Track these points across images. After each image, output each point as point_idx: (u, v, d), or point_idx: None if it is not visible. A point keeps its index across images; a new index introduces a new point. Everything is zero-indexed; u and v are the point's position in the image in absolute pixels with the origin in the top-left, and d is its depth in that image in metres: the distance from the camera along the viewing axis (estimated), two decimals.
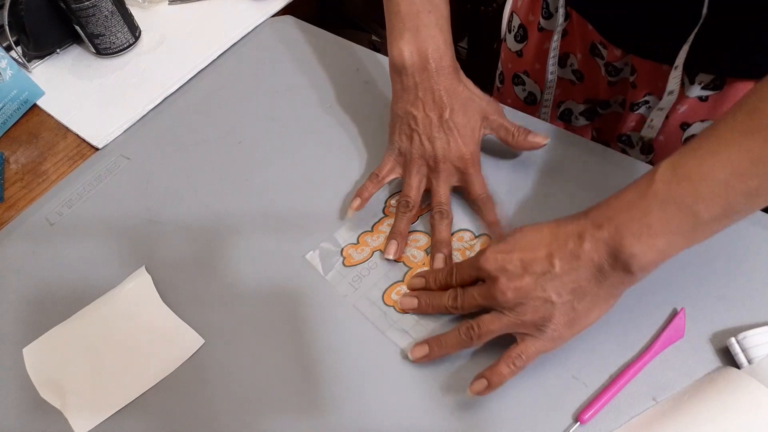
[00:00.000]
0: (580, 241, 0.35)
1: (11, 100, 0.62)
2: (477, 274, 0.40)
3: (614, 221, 0.34)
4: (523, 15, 0.63)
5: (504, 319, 0.37)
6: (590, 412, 0.37)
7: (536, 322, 0.36)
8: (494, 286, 0.37)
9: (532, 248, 0.37)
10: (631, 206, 0.34)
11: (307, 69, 0.64)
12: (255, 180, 0.54)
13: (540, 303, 0.36)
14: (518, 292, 0.36)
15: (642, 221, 0.33)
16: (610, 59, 0.56)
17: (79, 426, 0.41)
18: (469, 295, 0.40)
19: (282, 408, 0.41)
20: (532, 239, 0.37)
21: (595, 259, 0.35)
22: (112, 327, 0.45)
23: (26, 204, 0.56)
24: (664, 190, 0.33)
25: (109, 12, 0.65)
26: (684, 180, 0.32)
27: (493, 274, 0.38)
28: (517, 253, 0.37)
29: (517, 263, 0.37)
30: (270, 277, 0.47)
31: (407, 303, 0.43)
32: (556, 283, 0.36)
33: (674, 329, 0.40)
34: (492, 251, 0.38)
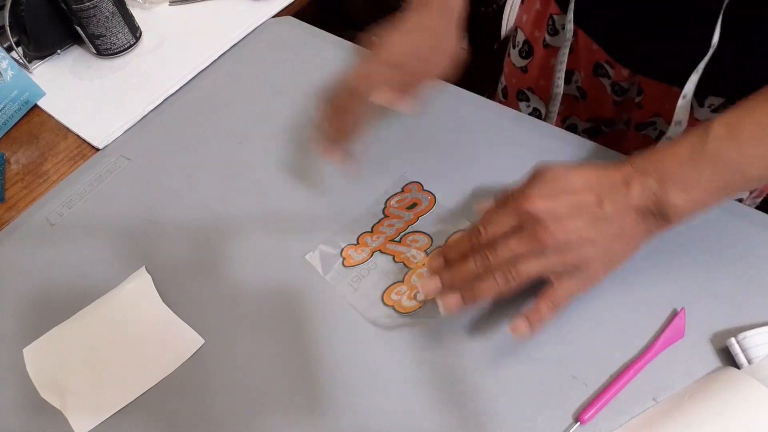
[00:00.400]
0: (628, 186, 0.36)
1: (12, 101, 0.62)
2: (519, 221, 0.37)
3: (662, 171, 0.35)
4: (528, 31, 0.63)
5: (544, 260, 0.36)
6: (590, 412, 0.37)
7: (578, 262, 0.36)
8: (542, 230, 0.35)
9: (580, 191, 0.36)
10: (683, 160, 0.35)
11: (307, 69, 0.64)
12: (255, 180, 0.54)
13: (586, 245, 0.36)
14: (568, 232, 0.35)
15: (691, 176, 0.34)
16: (617, 79, 0.55)
17: (79, 426, 0.41)
18: (503, 246, 0.36)
19: (282, 408, 0.41)
20: (578, 182, 0.37)
21: (641, 204, 0.35)
22: (112, 327, 0.46)
23: (27, 204, 0.56)
24: (717, 149, 0.34)
25: (109, 13, 0.65)
26: (739, 142, 0.34)
27: (541, 216, 0.35)
28: (564, 196, 0.36)
29: (566, 206, 0.36)
30: (270, 278, 0.47)
31: (428, 286, 0.39)
32: (605, 226, 0.36)
33: (674, 329, 0.40)
34: (536, 194, 0.36)
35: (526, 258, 0.36)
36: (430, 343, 0.42)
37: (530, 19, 0.62)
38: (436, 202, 0.50)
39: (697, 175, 0.34)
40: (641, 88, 0.54)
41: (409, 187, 0.52)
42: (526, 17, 0.63)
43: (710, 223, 0.45)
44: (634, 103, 0.56)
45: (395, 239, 0.48)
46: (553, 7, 0.57)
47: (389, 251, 0.48)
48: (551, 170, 0.37)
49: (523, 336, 0.37)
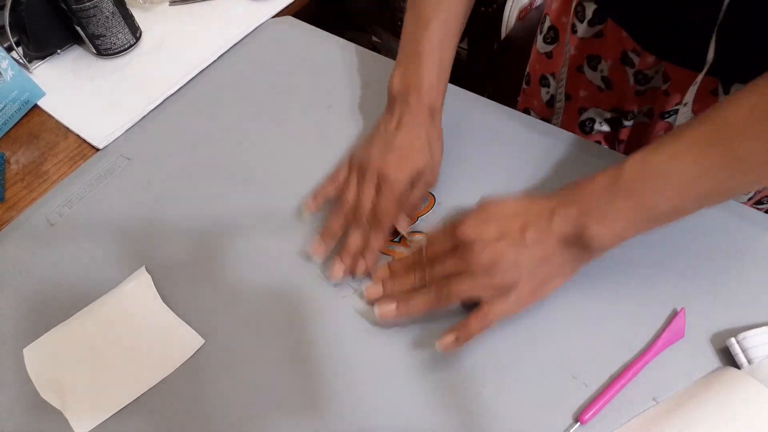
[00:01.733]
0: (551, 215, 0.39)
1: (12, 101, 0.62)
2: (452, 242, 0.41)
3: (582, 203, 0.38)
4: (554, 17, 0.63)
5: (474, 280, 0.39)
6: (590, 413, 0.37)
7: (504, 285, 0.39)
8: (470, 251, 0.39)
9: (507, 218, 0.40)
10: (599, 193, 0.37)
11: (307, 69, 0.64)
12: (255, 180, 0.54)
13: (510, 267, 0.39)
14: (493, 255, 0.39)
15: (605, 207, 0.37)
16: (642, 67, 0.55)
17: (79, 426, 0.41)
18: (439, 265, 0.41)
19: (282, 408, 0.41)
20: (507, 210, 0.41)
21: (562, 233, 0.38)
22: (112, 327, 0.46)
23: (27, 204, 0.56)
24: (629, 184, 0.36)
25: (109, 13, 0.65)
26: (647, 177, 0.36)
27: (470, 238, 0.39)
28: (493, 222, 0.40)
29: (494, 231, 0.39)
30: (270, 278, 0.47)
31: (371, 291, 0.44)
32: (526, 252, 0.39)
33: (674, 329, 0.40)
34: (470, 220, 0.41)
35: (458, 278, 0.40)
36: (431, 343, 0.42)
37: (557, 5, 0.62)
38: (435, 203, 0.50)
39: (613, 208, 0.37)
40: (667, 75, 0.54)
41: None
42: (554, 4, 0.63)
43: (710, 223, 0.45)
44: (660, 91, 0.57)
45: (395, 239, 0.48)
46: None
47: (389, 251, 0.48)
48: (490, 200, 0.42)
49: (448, 349, 0.39)
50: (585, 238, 0.37)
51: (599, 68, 0.61)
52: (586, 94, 0.65)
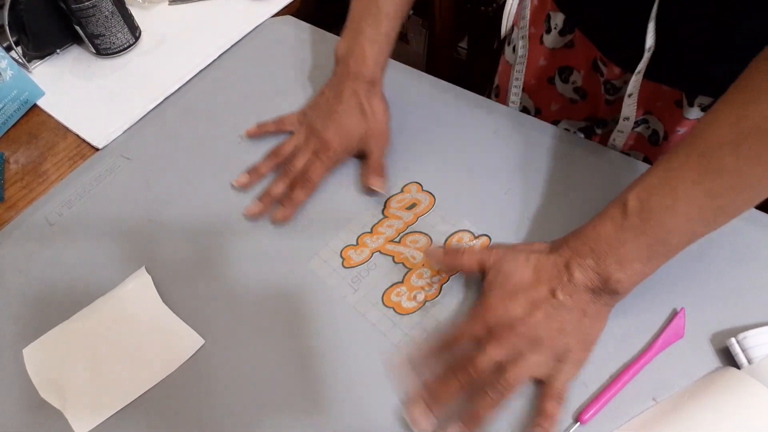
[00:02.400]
0: (570, 270, 0.38)
1: (11, 101, 0.62)
2: (486, 329, 0.39)
3: (596, 251, 0.38)
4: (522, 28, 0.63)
5: (528, 361, 0.38)
6: (590, 412, 0.37)
7: (558, 354, 0.38)
8: (512, 332, 0.38)
9: (530, 286, 0.39)
10: (610, 238, 0.37)
11: (307, 69, 0.64)
12: None
13: (556, 334, 0.38)
14: (535, 330, 0.38)
15: (620, 251, 0.37)
16: (609, 77, 0.56)
17: (79, 426, 0.41)
18: (483, 357, 0.38)
19: (282, 408, 0.41)
20: (525, 278, 0.39)
21: (588, 284, 0.38)
22: (112, 327, 0.45)
23: (26, 204, 0.56)
24: (637, 224, 0.36)
25: (109, 12, 0.65)
26: (652, 214, 0.36)
27: (506, 320, 0.38)
28: (521, 295, 0.39)
29: (525, 304, 0.38)
30: (270, 278, 0.47)
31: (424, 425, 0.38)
32: (564, 312, 0.38)
33: (674, 329, 0.40)
34: (495, 301, 0.39)
35: (512, 365, 0.38)
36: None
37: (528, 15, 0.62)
38: (435, 203, 0.50)
39: (625, 250, 0.37)
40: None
41: (409, 188, 0.52)
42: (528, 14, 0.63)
43: None
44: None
45: (395, 240, 0.48)
46: (551, 4, 0.57)
47: (389, 252, 0.48)
48: (498, 272, 0.40)
49: None
50: (610, 286, 0.37)
51: (571, 80, 0.61)
52: (558, 107, 0.64)
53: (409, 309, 0.44)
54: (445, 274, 0.45)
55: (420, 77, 0.61)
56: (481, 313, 0.40)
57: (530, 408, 0.38)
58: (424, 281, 0.45)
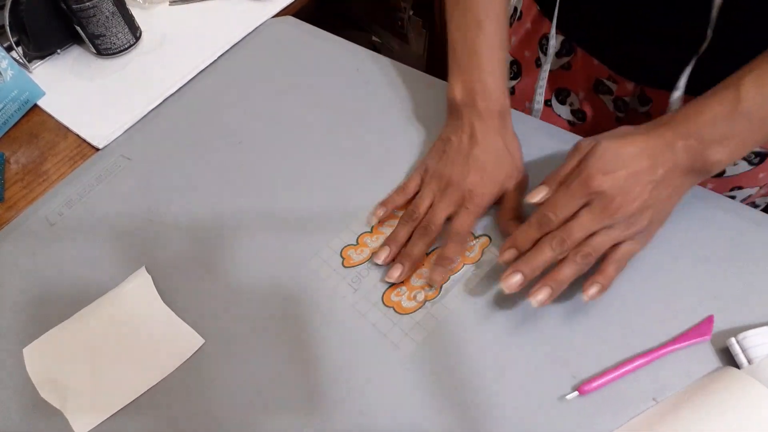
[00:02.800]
0: (674, 149, 0.38)
1: (12, 101, 0.62)
2: (587, 199, 0.39)
3: (702, 132, 0.38)
4: (515, 51, 0.62)
5: (615, 232, 0.39)
6: (591, 385, 0.38)
7: (642, 228, 0.39)
8: (611, 206, 0.38)
9: (634, 162, 0.39)
10: (719, 120, 0.37)
11: (307, 69, 0.64)
12: (255, 180, 0.54)
13: (648, 210, 0.39)
14: (635, 204, 0.38)
15: (728, 133, 0.37)
16: (620, 93, 0.55)
17: (79, 426, 0.41)
18: (576, 228, 0.39)
19: (282, 408, 0.41)
20: (630, 154, 0.39)
21: (688, 164, 0.39)
22: (112, 327, 0.46)
23: (26, 204, 0.56)
24: (750, 108, 0.36)
25: (109, 12, 0.65)
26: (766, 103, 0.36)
27: (610, 193, 0.38)
28: (623, 170, 0.38)
29: (626, 177, 0.38)
30: (270, 278, 0.47)
31: (513, 284, 0.40)
32: (660, 190, 0.39)
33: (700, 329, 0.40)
34: (597, 172, 0.39)
35: (604, 233, 0.39)
36: (430, 342, 0.42)
37: (518, 39, 0.62)
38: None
39: (732, 132, 0.37)
40: (648, 98, 0.54)
41: None
42: (514, 38, 0.62)
43: (710, 223, 0.45)
44: (639, 113, 0.56)
45: None
46: (547, 26, 0.57)
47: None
48: (602, 145, 0.39)
49: (593, 298, 0.39)
50: (708, 165, 0.38)
51: (568, 101, 0.61)
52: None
53: (409, 309, 0.44)
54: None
55: (420, 77, 0.61)
56: (581, 183, 0.39)
57: None
58: (424, 281, 0.45)
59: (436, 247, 0.47)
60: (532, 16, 0.59)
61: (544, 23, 0.57)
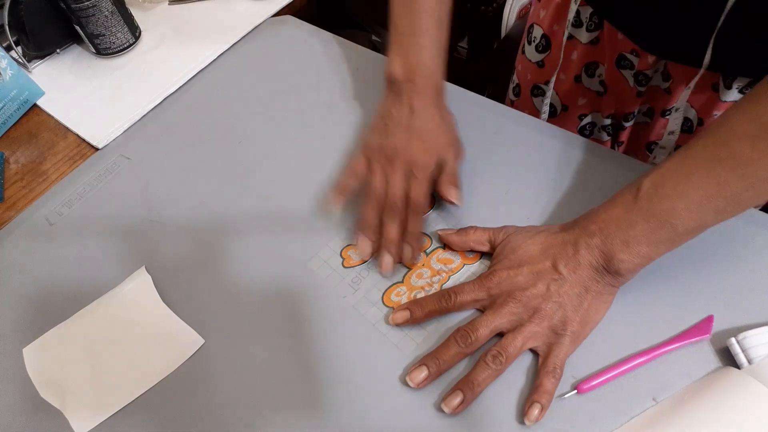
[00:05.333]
0: (576, 248, 0.40)
1: (11, 100, 0.62)
2: (487, 295, 0.41)
3: (604, 231, 0.39)
4: (546, 26, 0.63)
5: (525, 332, 0.39)
6: (590, 384, 0.38)
7: (555, 326, 0.39)
8: (511, 302, 0.40)
9: (536, 260, 0.40)
10: (619, 219, 0.39)
11: (307, 69, 0.64)
12: (255, 180, 0.54)
13: (555, 306, 0.39)
14: (535, 300, 0.39)
15: (628, 233, 0.38)
16: (641, 67, 0.55)
17: (79, 426, 0.41)
18: (481, 322, 0.40)
19: (282, 408, 0.41)
20: (532, 251, 0.41)
21: (593, 262, 0.39)
22: (112, 327, 0.45)
23: (26, 204, 0.56)
24: (647, 207, 0.37)
25: (109, 12, 0.65)
26: (663, 198, 0.37)
27: (507, 290, 0.40)
28: (525, 267, 0.40)
29: (528, 275, 0.40)
30: (270, 278, 0.47)
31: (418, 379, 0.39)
32: (565, 286, 0.39)
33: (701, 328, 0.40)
34: (500, 270, 0.41)
35: (511, 336, 0.39)
36: (430, 342, 0.42)
37: (549, 13, 0.62)
38: (435, 203, 0.50)
39: (633, 231, 0.38)
40: (668, 73, 0.54)
41: None
42: (544, 12, 0.62)
43: None
44: (661, 90, 0.56)
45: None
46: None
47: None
48: (512, 243, 0.42)
49: (538, 419, 0.37)
50: (614, 265, 0.38)
51: (597, 73, 0.61)
52: (585, 101, 0.64)
53: None
54: (445, 274, 0.45)
55: None
56: (484, 281, 0.41)
57: (528, 384, 0.39)
58: (424, 281, 0.45)
59: (436, 248, 0.47)
60: None
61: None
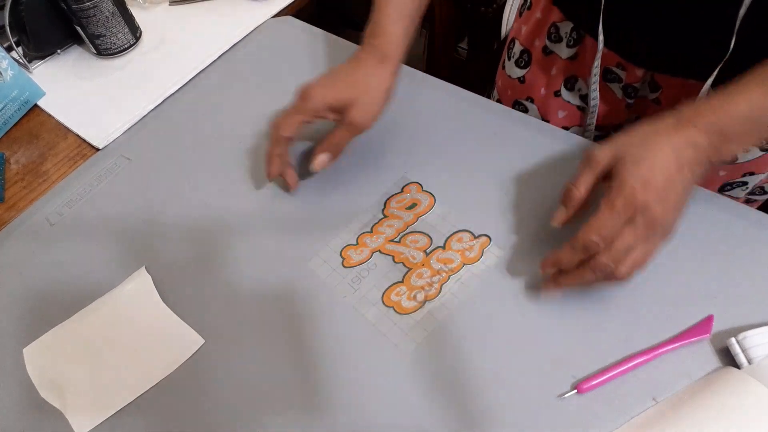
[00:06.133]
0: (696, 146, 0.38)
1: (12, 101, 0.62)
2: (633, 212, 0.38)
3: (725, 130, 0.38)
4: (525, 40, 0.63)
5: (652, 242, 0.38)
6: (590, 383, 0.38)
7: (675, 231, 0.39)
8: (655, 219, 0.37)
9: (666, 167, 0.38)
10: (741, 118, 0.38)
11: (307, 69, 0.64)
12: (255, 180, 0.54)
13: (679, 213, 0.39)
14: (675, 213, 0.39)
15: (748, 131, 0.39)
16: (630, 81, 0.55)
17: (79, 426, 0.41)
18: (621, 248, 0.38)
19: (282, 408, 0.41)
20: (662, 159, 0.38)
21: (706, 158, 0.39)
22: (112, 327, 0.46)
23: (27, 204, 0.56)
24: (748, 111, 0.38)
25: (109, 12, 0.65)
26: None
27: (652, 205, 0.37)
28: (660, 177, 0.38)
29: (666, 186, 0.38)
30: (270, 278, 0.47)
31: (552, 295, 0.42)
32: (688, 188, 0.39)
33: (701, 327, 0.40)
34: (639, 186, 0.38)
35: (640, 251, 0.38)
36: (430, 342, 0.42)
37: (528, 29, 0.62)
38: (435, 203, 0.50)
39: (752, 129, 0.39)
40: (658, 84, 0.54)
41: (409, 188, 0.52)
42: (525, 28, 0.63)
43: (710, 223, 0.45)
44: (649, 100, 0.56)
45: (395, 239, 0.48)
46: (556, 14, 0.57)
47: (389, 252, 0.48)
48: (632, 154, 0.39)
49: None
50: (722, 158, 0.39)
51: (576, 87, 0.61)
52: (565, 114, 0.64)
53: (409, 309, 0.44)
54: (445, 274, 0.45)
55: (420, 77, 0.61)
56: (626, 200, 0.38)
57: None
58: (424, 281, 0.45)
59: (436, 247, 0.47)
60: (542, 6, 0.59)
61: (553, 12, 0.58)
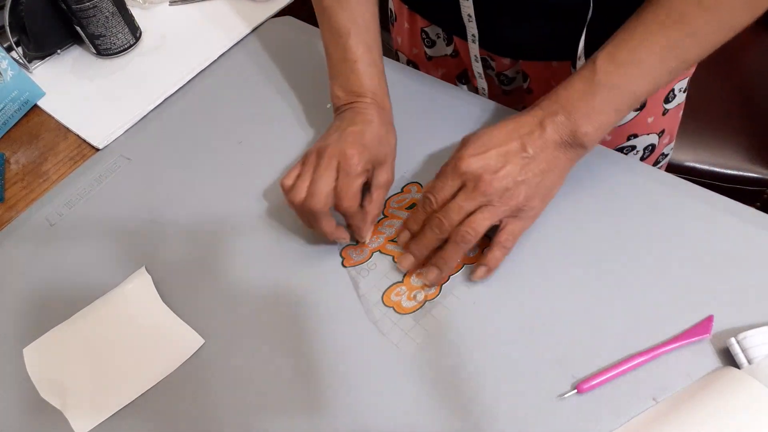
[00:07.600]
0: (542, 127, 0.41)
1: (12, 101, 0.62)
2: (461, 180, 0.42)
3: (567, 108, 0.41)
4: (407, 51, 0.64)
5: (493, 210, 0.41)
6: (590, 383, 0.38)
7: (520, 204, 0.41)
8: (480, 183, 0.41)
9: (504, 142, 0.41)
10: (580, 94, 0.40)
11: (306, 69, 0.64)
12: (255, 180, 0.54)
13: (522, 186, 0.41)
14: (505, 180, 0.41)
15: (590, 105, 0.40)
16: (500, 69, 0.57)
17: (79, 426, 0.41)
18: (453, 208, 0.41)
19: (282, 408, 0.41)
20: (500, 135, 0.42)
21: (558, 139, 0.41)
22: (112, 327, 0.46)
23: (27, 204, 0.56)
24: (605, 79, 0.39)
25: (109, 13, 0.65)
26: (620, 67, 0.39)
27: (477, 172, 0.41)
28: (493, 150, 0.41)
29: (496, 157, 0.41)
30: (269, 278, 0.47)
31: (406, 263, 0.45)
32: (533, 165, 0.41)
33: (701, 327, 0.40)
34: (468, 155, 0.41)
35: (479, 213, 0.41)
36: (430, 342, 0.42)
37: (405, 39, 0.63)
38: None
39: (595, 104, 0.40)
40: (525, 74, 0.56)
41: (409, 188, 0.52)
42: (401, 39, 0.64)
43: (710, 223, 0.45)
44: (524, 89, 0.58)
45: (395, 239, 0.48)
46: (421, 21, 0.58)
47: (389, 252, 0.48)
48: (477, 133, 0.43)
49: (481, 277, 0.43)
50: (578, 137, 0.40)
51: (463, 82, 0.63)
52: None
53: (409, 308, 0.44)
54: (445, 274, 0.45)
55: (420, 77, 0.61)
56: (454, 166, 0.42)
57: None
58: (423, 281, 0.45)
59: None
60: (405, 16, 0.61)
61: (416, 19, 0.59)
